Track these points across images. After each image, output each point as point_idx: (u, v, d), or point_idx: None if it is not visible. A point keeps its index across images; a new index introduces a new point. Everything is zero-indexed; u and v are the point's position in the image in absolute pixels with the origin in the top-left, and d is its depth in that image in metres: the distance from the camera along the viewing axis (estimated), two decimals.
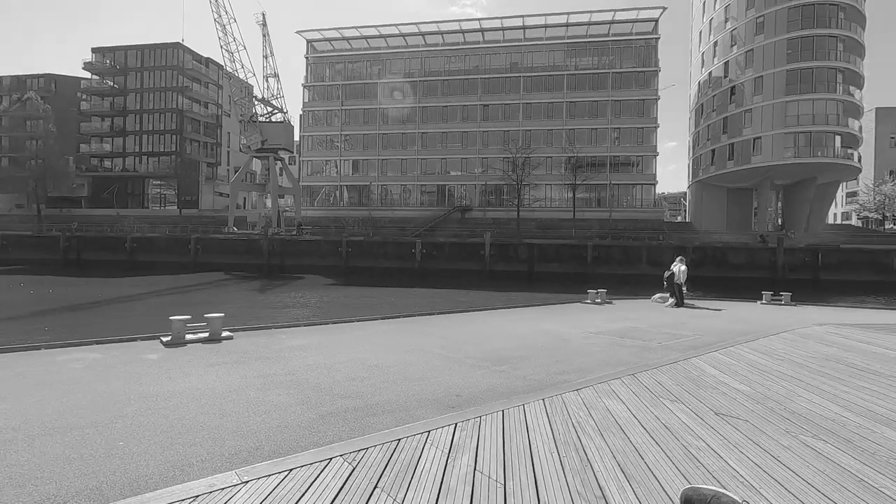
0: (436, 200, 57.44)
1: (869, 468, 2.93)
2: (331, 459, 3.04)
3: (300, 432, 3.68)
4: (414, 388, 4.85)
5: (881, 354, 6.31)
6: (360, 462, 3.01)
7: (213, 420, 3.90)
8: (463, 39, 59.05)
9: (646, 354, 6.52)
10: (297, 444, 3.44)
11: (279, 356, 6.29)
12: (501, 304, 14.77)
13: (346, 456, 3.10)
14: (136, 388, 4.74)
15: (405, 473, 2.87)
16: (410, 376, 5.33)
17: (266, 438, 3.55)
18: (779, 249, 32.31)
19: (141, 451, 3.32)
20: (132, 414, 4.03)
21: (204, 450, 3.35)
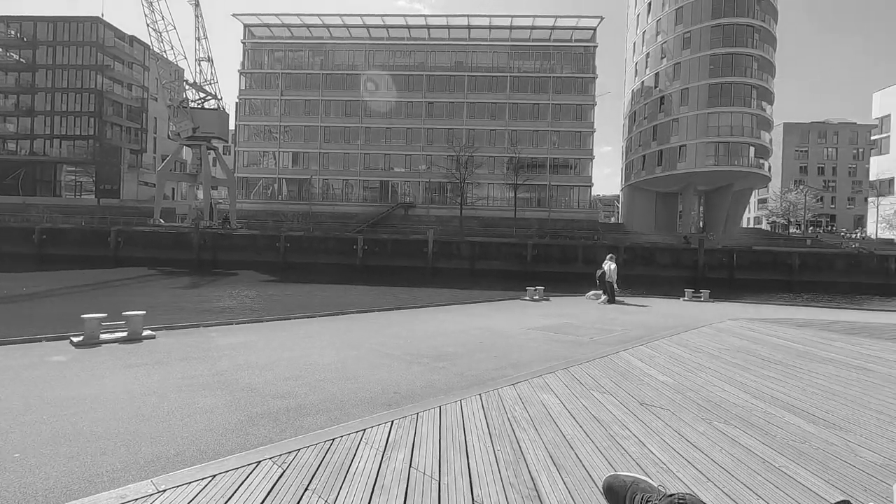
0: (379, 196, 56.80)
1: (771, 450, 3.20)
2: (259, 462, 2.90)
3: (227, 435, 3.48)
4: (351, 387, 4.75)
5: (784, 346, 6.94)
6: (291, 464, 2.90)
7: (129, 426, 3.61)
8: (409, 35, 58.68)
9: (579, 349, 6.78)
10: (224, 448, 3.26)
11: (207, 356, 5.94)
12: (443, 300, 14.86)
13: (276, 458, 2.97)
14: (37, 394, 4.29)
15: (338, 473, 2.79)
16: (348, 374, 5.22)
17: (188, 444, 3.33)
18: (700, 250, 34.82)
19: (41, 462, 3.01)
20: (32, 422, 3.64)
21: (116, 459, 3.08)
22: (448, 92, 56.62)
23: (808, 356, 6.26)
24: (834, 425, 3.70)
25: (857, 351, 6.67)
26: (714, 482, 2.74)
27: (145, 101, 65.96)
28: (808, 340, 7.42)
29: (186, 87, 43.99)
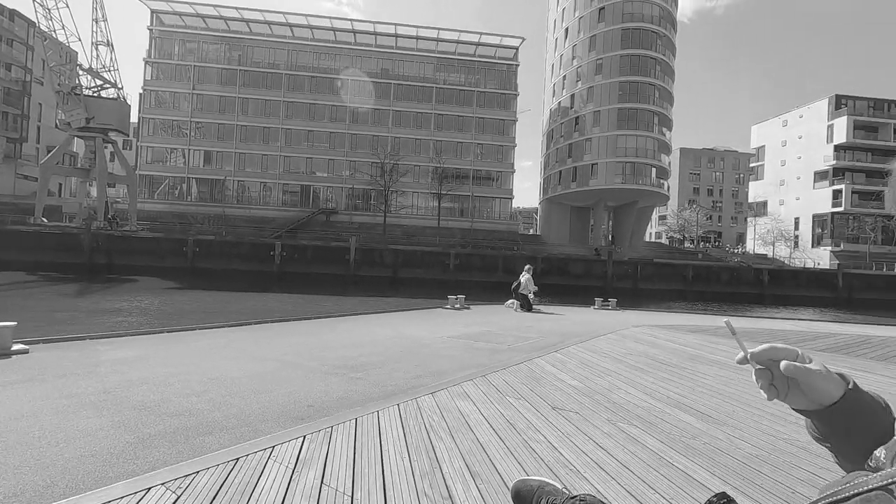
0: (299, 201, 54.82)
1: (667, 446, 3.46)
2: (149, 489, 2.62)
3: (112, 461, 3.12)
4: (261, 401, 4.47)
5: (678, 350, 7.60)
6: (188, 488, 2.65)
7: None
8: (334, 37, 57.61)
9: (497, 356, 6.94)
10: (106, 476, 2.91)
11: (94, 372, 5.31)
12: (364, 309, 14.57)
13: (171, 483, 2.70)
14: None
15: (241, 496, 2.59)
16: (258, 388, 4.91)
17: (63, 472, 2.93)
18: (609, 262, 37.36)
19: None
20: None
21: None
22: (374, 98, 56.25)
23: (698, 359, 6.90)
24: (717, 420, 4.09)
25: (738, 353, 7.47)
26: (617, 480, 2.90)
27: (27, 85, 58.54)
28: (698, 344, 8.19)
29: (80, 73, 39.69)
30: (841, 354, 7.71)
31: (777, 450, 3.47)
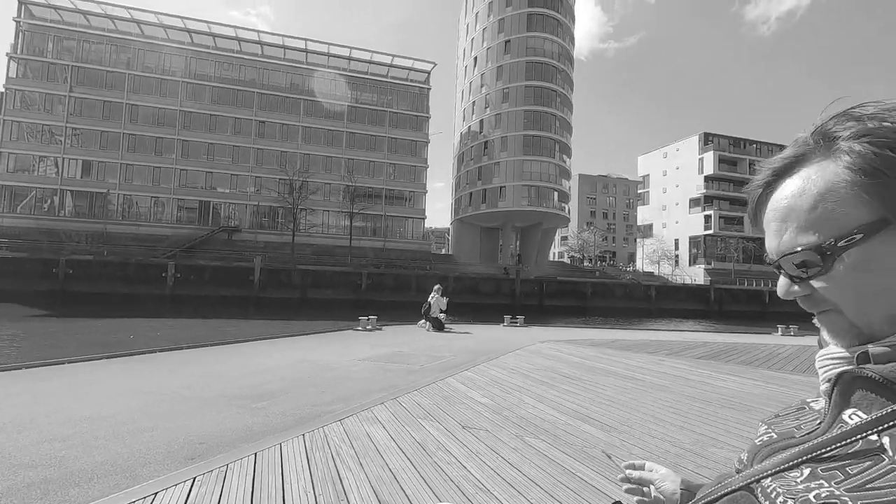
0: (197, 218, 50.83)
1: (569, 457, 3.61)
2: None
3: None
4: (143, 441, 3.98)
5: (580, 363, 8.06)
6: None
7: None
8: (238, 47, 55.07)
9: (408, 377, 6.86)
10: None
11: None
12: (269, 333, 13.73)
13: None
14: None
15: None
16: (141, 426, 4.38)
17: None
18: (517, 280, 39.02)
19: None
20: None
21: None
22: (282, 113, 54.32)
23: (597, 370, 7.37)
24: (614, 429, 4.37)
25: (630, 364, 8.11)
26: (524, 494, 2.96)
27: None
28: (597, 357, 8.77)
29: None
30: (714, 361, 8.68)
31: (664, 452, 3.77)
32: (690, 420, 4.72)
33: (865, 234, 0.49)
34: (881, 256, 0.49)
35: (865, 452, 0.48)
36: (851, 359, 0.53)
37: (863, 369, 0.51)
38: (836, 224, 0.50)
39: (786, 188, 0.55)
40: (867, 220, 0.49)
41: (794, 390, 6.31)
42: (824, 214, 0.51)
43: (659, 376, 7.01)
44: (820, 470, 0.50)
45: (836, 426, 0.53)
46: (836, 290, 0.52)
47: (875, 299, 0.50)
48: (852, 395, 0.53)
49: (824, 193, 0.51)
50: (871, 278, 0.50)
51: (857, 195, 0.49)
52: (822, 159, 0.53)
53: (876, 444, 0.47)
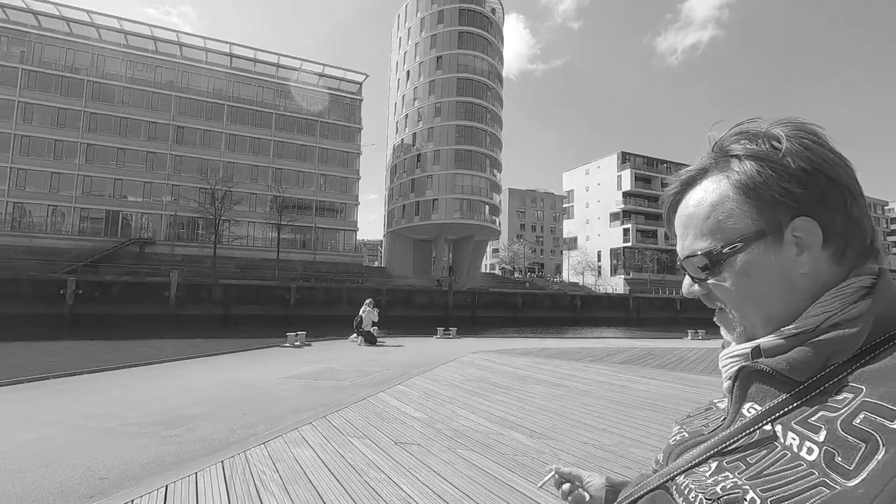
0: (103, 229, 46.51)
1: (501, 467, 3.65)
2: None
3: None
4: (34, 480, 3.51)
5: (511, 372, 8.24)
6: None
7: None
8: (154, 47, 51.57)
9: (339, 394, 6.65)
10: None
11: None
12: (187, 353, 12.77)
13: None
14: None
15: None
16: (32, 463, 3.87)
17: None
18: (450, 292, 39.34)
19: None
20: None
21: None
22: (203, 119, 51.35)
23: (527, 379, 7.57)
24: (543, 436, 4.49)
25: (558, 371, 8.41)
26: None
27: None
28: (526, 366, 9.01)
29: None
30: (633, 365, 9.23)
31: (590, 455, 3.93)
32: (613, 423, 4.95)
33: (745, 244, 0.56)
34: (758, 264, 0.56)
35: (762, 442, 0.53)
36: (748, 354, 0.59)
37: (756, 363, 0.56)
38: (724, 233, 0.57)
39: (690, 198, 0.62)
40: (748, 230, 0.56)
41: (703, 390, 6.85)
42: (716, 224, 0.58)
43: (584, 382, 7.32)
44: (725, 463, 0.55)
45: (738, 420, 0.58)
46: (724, 291, 0.59)
47: (753, 301, 0.57)
48: (749, 388, 0.58)
49: (716, 205, 0.58)
50: (751, 283, 0.57)
51: (740, 209, 0.57)
52: (717, 173, 0.60)
53: (770, 433, 0.53)
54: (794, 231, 0.55)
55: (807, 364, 0.52)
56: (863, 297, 0.54)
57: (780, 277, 0.56)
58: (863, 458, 0.43)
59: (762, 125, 0.59)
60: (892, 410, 0.43)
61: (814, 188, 0.54)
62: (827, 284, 0.55)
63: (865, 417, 0.45)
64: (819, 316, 0.54)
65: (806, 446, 0.48)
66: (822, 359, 0.52)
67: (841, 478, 0.43)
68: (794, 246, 0.55)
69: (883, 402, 0.45)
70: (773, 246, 0.56)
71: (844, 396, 0.48)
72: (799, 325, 0.54)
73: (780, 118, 0.59)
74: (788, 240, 0.55)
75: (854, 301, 0.53)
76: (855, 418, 0.45)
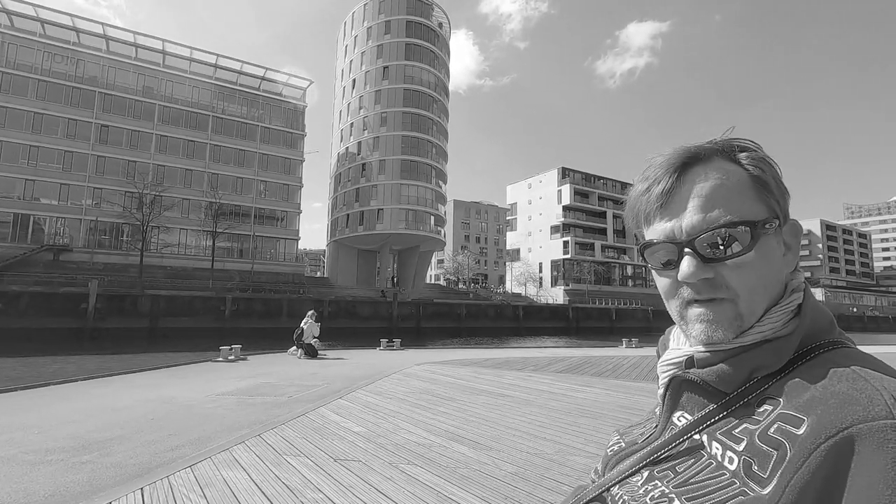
0: (10, 234, 42.23)
1: (443, 480, 3.60)
2: None
3: None
4: None
5: (454, 383, 8.22)
6: None
7: None
8: (77, 39, 47.91)
9: (275, 410, 6.34)
10: None
11: None
12: (107, 369, 11.76)
13: None
14: None
15: None
16: None
17: None
18: (394, 303, 38.95)
19: None
20: None
21: None
22: (131, 118, 48.09)
23: (470, 390, 7.58)
24: (485, 447, 4.49)
25: (501, 381, 8.50)
26: None
27: None
28: (470, 377, 9.04)
29: None
30: (572, 374, 9.50)
31: (531, 465, 3.96)
32: (553, 431, 5.05)
33: (778, 224, 0.56)
34: (774, 250, 0.56)
35: (690, 451, 0.55)
36: (682, 364, 0.60)
37: (686, 373, 0.58)
38: (755, 211, 0.56)
39: (710, 170, 0.58)
40: (770, 215, 0.56)
41: (636, 396, 7.16)
42: (747, 200, 0.56)
43: (526, 391, 7.44)
44: (655, 472, 0.56)
45: (669, 429, 0.60)
46: (743, 274, 0.55)
47: (764, 289, 0.56)
48: (681, 398, 0.60)
49: (742, 185, 0.57)
50: (768, 268, 0.55)
51: (762, 194, 0.56)
52: (727, 161, 0.58)
53: (698, 442, 0.54)
54: (786, 232, 0.57)
55: (732, 377, 0.54)
56: (794, 315, 0.55)
57: (780, 269, 0.56)
58: (774, 464, 0.44)
59: (733, 139, 0.60)
60: (799, 419, 0.45)
61: (787, 194, 0.57)
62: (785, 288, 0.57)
63: (778, 427, 0.46)
64: (765, 332, 0.54)
65: (727, 456, 0.49)
66: (746, 372, 0.53)
67: (757, 486, 0.45)
68: (783, 244, 0.56)
69: (795, 412, 0.46)
70: (779, 238, 0.56)
71: (765, 408, 0.50)
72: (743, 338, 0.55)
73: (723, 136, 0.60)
74: (781, 237, 0.56)
75: (788, 319, 0.55)
76: (770, 428, 0.47)
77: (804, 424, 0.45)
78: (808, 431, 0.44)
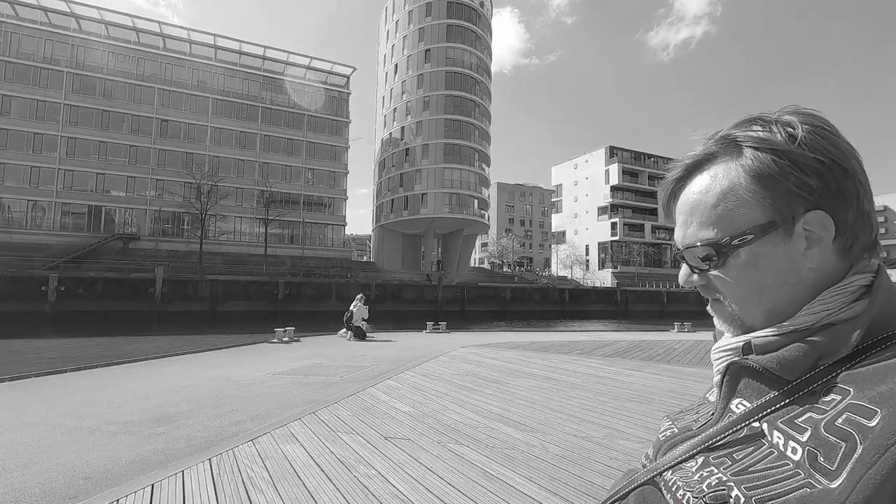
0: (86, 225, 45.72)
1: (490, 460, 3.66)
2: None
3: None
4: (14, 483, 3.44)
5: (500, 366, 8.26)
6: None
7: None
8: (137, 38, 50.53)
9: (328, 390, 6.62)
10: None
11: None
12: (173, 350, 12.63)
13: None
14: None
15: None
16: (11, 464, 3.79)
17: None
18: (439, 287, 39.34)
19: None
20: None
21: None
22: (188, 112, 50.52)
23: (516, 373, 7.60)
24: (532, 429, 4.51)
25: (547, 364, 8.46)
26: (444, 501, 2.95)
27: None
28: (516, 360, 9.05)
29: None
30: (620, 358, 9.31)
31: (578, 448, 3.95)
32: (601, 415, 5.00)
33: (756, 235, 0.54)
34: (767, 256, 0.54)
35: (749, 438, 0.53)
36: (739, 350, 0.58)
37: (746, 360, 0.56)
38: (733, 223, 0.55)
39: (695, 184, 0.59)
40: (759, 221, 0.54)
41: (688, 382, 6.94)
42: (724, 213, 0.55)
43: (573, 375, 7.37)
44: (711, 458, 0.54)
45: (726, 416, 0.57)
46: (726, 283, 0.57)
47: (757, 294, 0.55)
48: (738, 384, 0.57)
49: (726, 193, 0.55)
50: (757, 275, 0.55)
51: (753, 198, 0.54)
52: (728, 160, 0.57)
53: (758, 430, 0.52)
54: (806, 224, 0.53)
55: (797, 363, 0.51)
56: (861, 296, 0.53)
57: (787, 271, 0.54)
58: (843, 457, 0.42)
59: (770, 115, 0.56)
60: (872, 410, 0.43)
61: (829, 180, 0.52)
62: (831, 279, 0.54)
63: (847, 418, 0.44)
64: (818, 314, 0.52)
65: (790, 445, 0.47)
66: (812, 358, 0.51)
67: (825, 478, 0.42)
68: (803, 239, 0.53)
69: (868, 403, 0.44)
70: (784, 238, 0.54)
71: (832, 398, 0.47)
72: (796, 321, 0.54)
73: (787, 107, 0.56)
74: (799, 232, 0.53)
75: (852, 301, 0.52)
76: (839, 419, 0.45)
77: (877, 416, 0.42)
78: (883, 424, 0.41)
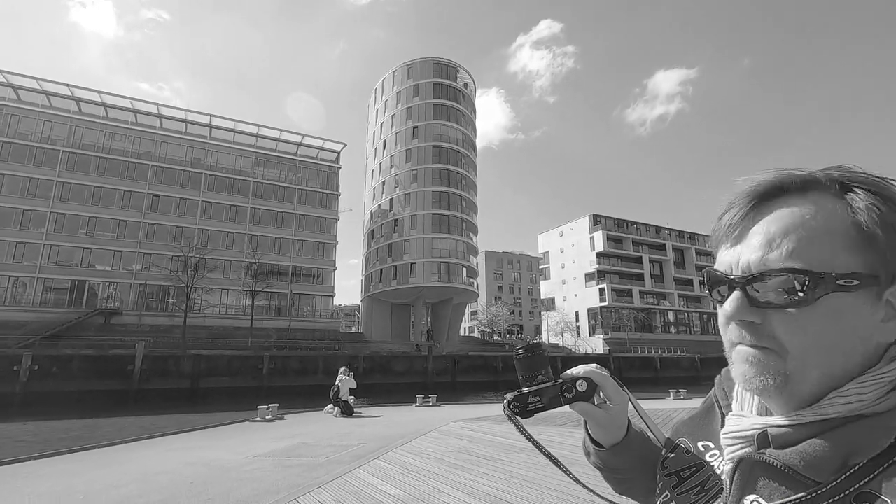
0: (67, 300, 44.70)
1: None
2: None
3: None
4: None
5: (493, 441, 7.92)
6: None
7: None
8: (134, 119, 52.43)
9: (312, 473, 6.24)
10: None
11: None
12: (148, 431, 11.94)
13: None
14: None
15: None
16: None
17: None
18: (429, 357, 38.49)
19: None
20: None
21: None
22: (180, 187, 51.44)
23: (510, 448, 7.27)
24: None
25: (543, 438, 8.08)
26: None
27: None
28: (509, 433, 8.69)
29: None
30: None
31: None
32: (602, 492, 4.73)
33: (861, 283, 0.45)
34: (856, 313, 0.46)
35: None
36: (753, 439, 0.51)
37: (762, 454, 0.49)
38: (836, 262, 0.46)
39: (795, 205, 0.49)
40: (863, 270, 0.46)
41: None
42: (829, 248, 0.46)
43: (569, 449, 7.07)
44: None
45: None
46: (796, 329, 0.47)
47: (826, 353, 0.47)
48: (754, 480, 0.50)
49: (835, 227, 0.47)
50: (835, 330, 0.46)
51: (864, 244, 0.46)
52: (833, 194, 0.49)
53: None
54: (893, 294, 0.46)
55: (823, 462, 0.43)
56: None
57: (863, 337, 0.46)
58: None
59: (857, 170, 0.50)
60: None
61: None
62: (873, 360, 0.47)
63: None
64: (850, 405, 0.45)
65: None
66: (840, 457, 0.43)
67: None
68: (884, 309, 0.46)
69: None
70: (874, 299, 0.46)
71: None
72: (825, 410, 0.46)
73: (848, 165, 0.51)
74: (886, 300, 0.46)
75: (887, 392, 0.45)
76: None
77: None
78: None
